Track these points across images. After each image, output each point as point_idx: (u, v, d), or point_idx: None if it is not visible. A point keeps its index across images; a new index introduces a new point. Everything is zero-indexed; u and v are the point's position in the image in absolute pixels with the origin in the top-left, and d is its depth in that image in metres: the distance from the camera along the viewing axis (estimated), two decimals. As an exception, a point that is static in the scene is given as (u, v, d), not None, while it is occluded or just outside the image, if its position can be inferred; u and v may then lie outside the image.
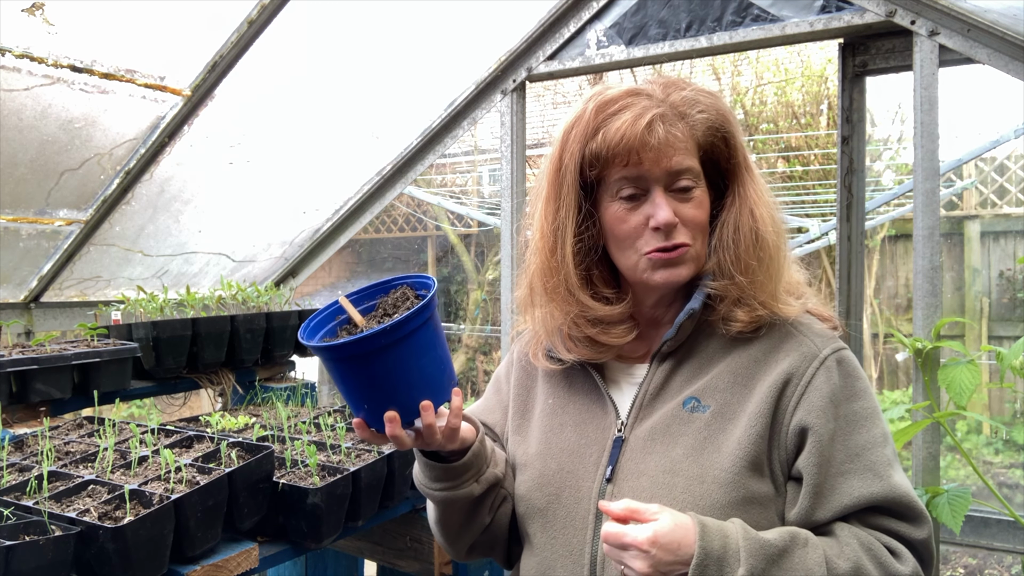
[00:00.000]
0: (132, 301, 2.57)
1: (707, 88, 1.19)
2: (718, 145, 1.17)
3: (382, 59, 2.87)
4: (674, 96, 1.15)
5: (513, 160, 3.01)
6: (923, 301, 2.25)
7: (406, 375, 1.08)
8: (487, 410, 1.40)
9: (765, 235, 1.15)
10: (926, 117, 2.23)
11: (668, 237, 1.13)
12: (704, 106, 1.15)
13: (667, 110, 1.13)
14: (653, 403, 1.19)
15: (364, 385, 1.08)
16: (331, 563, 2.40)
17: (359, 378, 1.08)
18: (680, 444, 1.13)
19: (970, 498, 2.03)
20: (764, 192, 1.18)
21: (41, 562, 1.30)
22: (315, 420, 2.26)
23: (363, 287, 1.20)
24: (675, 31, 2.64)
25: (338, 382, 1.11)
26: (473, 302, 9.61)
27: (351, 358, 1.06)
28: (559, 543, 1.18)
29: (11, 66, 2.19)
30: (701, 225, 1.16)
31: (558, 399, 1.29)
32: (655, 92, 1.15)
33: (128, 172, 2.75)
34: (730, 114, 1.17)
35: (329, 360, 1.09)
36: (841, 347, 1.16)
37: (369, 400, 1.09)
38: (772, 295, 1.16)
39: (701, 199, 1.16)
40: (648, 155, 1.11)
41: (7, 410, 2.09)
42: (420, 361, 1.09)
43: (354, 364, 1.07)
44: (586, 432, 1.22)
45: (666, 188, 1.14)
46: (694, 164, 1.15)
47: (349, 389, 1.10)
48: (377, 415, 1.09)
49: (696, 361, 1.19)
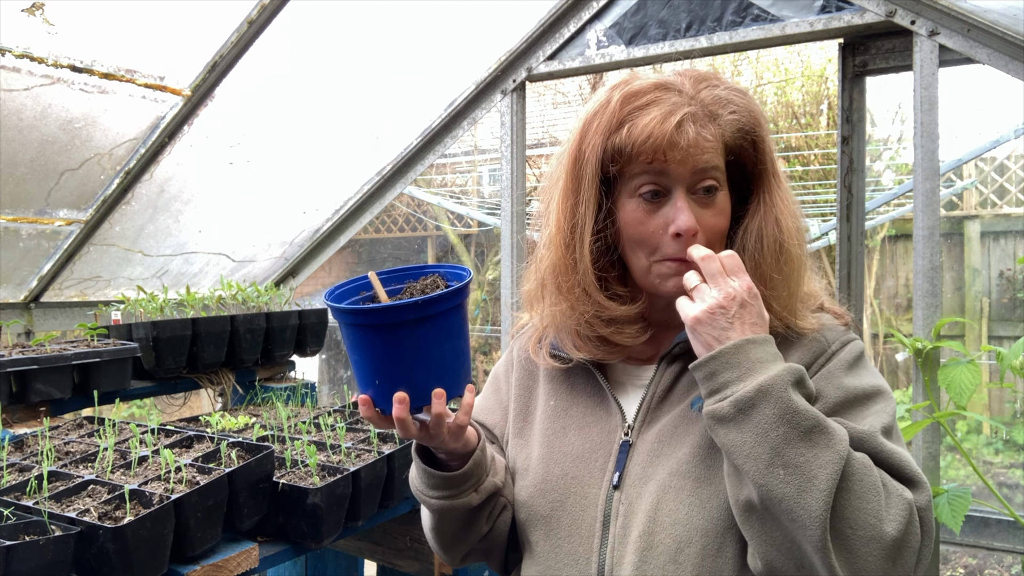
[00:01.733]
0: (132, 301, 2.57)
1: (739, 86, 1.13)
2: (746, 148, 1.11)
3: (382, 59, 2.87)
4: (705, 94, 1.09)
5: (513, 160, 3.01)
6: (923, 301, 2.25)
7: (425, 357, 1.04)
8: (486, 410, 1.36)
9: (790, 247, 1.10)
10: (926, 117, 2.23)
11: (687, 246, 1.07)
12: (736, 107, 1.09)
13: (698, 109, 1.07)
14: (661, 406, 1.16)
15: (380, 358, 1.04)
16: (331, 563, 2.40)
17: (376, 350, 1.04)
18: (687, 443, 1.11)
19: (970, 498, 2.03)
20: (791, 201, 1.13)
21: (41, 562, 1.30)
22: (315, 420, 2.26)
23: (394, 268, 1.17)
24: (675, 31, 2.64)
25: (353, 352, 1.07)
26: (473, 302, 9.60)
27: (375, 327, 1.03)
28: (564, 551, 1.15)
29: (11, 66, 2.19)
30: (720, 234, 1.11)
31: (560, 401, 1.25)
32: (685, 87, 1.09)
33: (128, 172, 2.75)
34: (761, 116, 1.12)
35: (351, 326, 1.04)
36: (852, 338, 1.14)
37: (381, 375, 1.05)
38: (791, 309, 1.11)
39: (723, 206, 1.11)
40: (675, 155, 1.05)
41: (7, 410, 2.09)
42: (442, 346, 1.05)
43: (375, 334, 1.03)
44: (590, 436, 1.19)
45: (689, 190, 1.08)
46: (720, 165, 1.10)
47: (363, 360, 1.06)
48: (387, 394, 1.04)
49: None
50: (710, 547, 1.06)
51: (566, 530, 1.16)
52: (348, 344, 1.07)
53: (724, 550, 1.05)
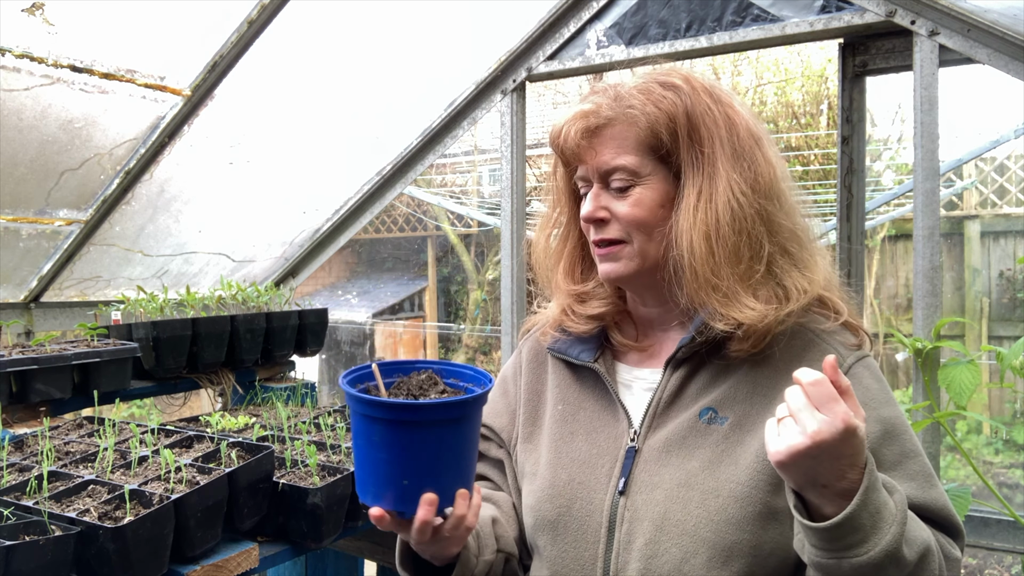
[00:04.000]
0: (132, 301, 2.57)
1: (650, 85, 1.14)
2: (665, 142, 1.12)
3: (382, 59, 2.87)
4: (614, 101, 1.15)
5: (513, 160, 3.01)
6: (923, 301, 2.25)
7: (458, 456, 1.02)
8: (494, 413, 1.35)
9: (720, 230, 1.08)
10: (926, 117, 2.23)
11: (597, 232, 1.17)
12: (635, 107, 1.12)
13: (605, 108, 1.14)
14: (667, 411, 1.16)
15: (412, 458, 0.98)
16: (331, 563, 2.39)
17: (410, 449, 0.98)
18: (696, 457, 1.11)
19: (970, 498, 2.02)
20: (737, 186, 1.09)
21: (41, 562, 1.30)
22: (315, 420, 2.26)
23: (385, 362, 1.14)
24: (675, 31, 2.64)
25: (376, 449, 1.00)
26: (473, 302, 9.60)
27: (418, 424, 0.98)
28: (570, 556, 1.15)
29: (11, 66, 2.19)
30: (637, 222, 1.13)
31: (568, 405, 1.26)
32: (606, 95, 1.16)
33: (128, 172, 2.75)
34: (678, 109, 1.11)
35: (381, 421, 0.98)
36: (865, 354, 1.14)
37: (412, 476, 0.99)
38: (732, 295, 1.09)
39: (641, 197, 1.13)
40: (581, 158, 1.17)
41: (7, 410, 2.09)
42: (471, 445, 1.04)
43: (414, 432, 0.98)
44: (597, 441, 1.19)
45: (603, 185, 1.16)
46: (627, 162, 1.12)
47: (391, 460, 0.99)
48: (413, 495, 0.99)
49: (712, 368, 1.15)
50: (716, 560, 1.05)
51: (572, 535, 1.16)
52: (368, 440, 1.01)
53: (730, 564, 1.05)
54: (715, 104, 1.13)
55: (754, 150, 1.13)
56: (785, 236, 1.14)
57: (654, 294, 1.21)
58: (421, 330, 9.84)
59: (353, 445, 1.05)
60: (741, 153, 1.12)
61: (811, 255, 1.16)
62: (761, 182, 1.11)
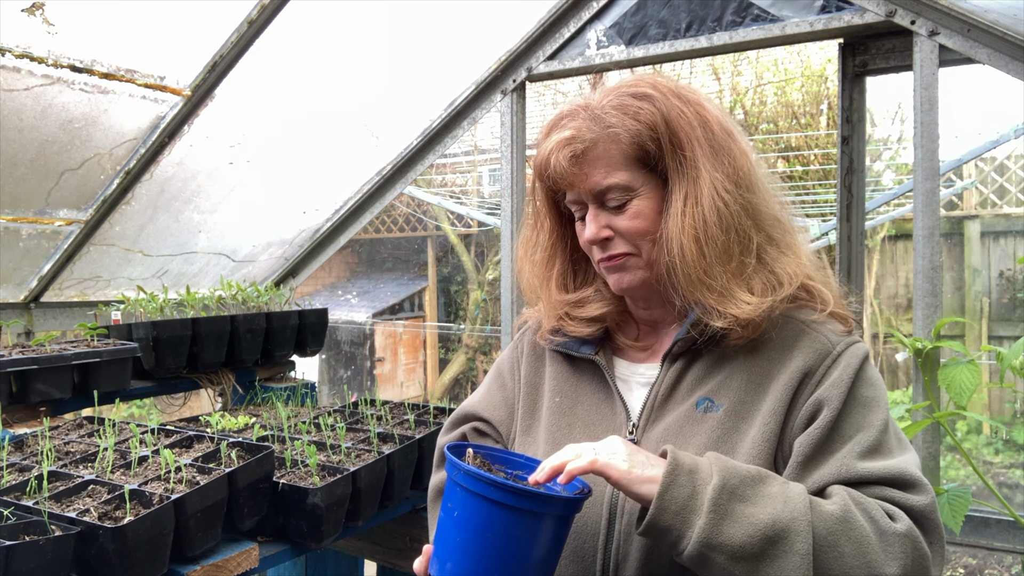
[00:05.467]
0: (132, 301, 2.57)
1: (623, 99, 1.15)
2: (652, 152, 1.14)
3: (382, 59, 2.87)
4: (590, 113, 1.16)
5: (513, 160, 3.02)
6: (923, 301, 2.25)
7: (550, 557, 1.04)
8: (490, 406, 1.36)
9: (709, 230, 1.10)
10: (926, 117, 2.23)
11: (604, 250, 1.18)
12: (613, 125, 1.13)
13: (585, 130, 1.14)
14: (665, 404, 1.17)
15: (521, 557, 1.00)
16: (331, 563, 2.39)
17: (518, 546, 0.99)
18: (692, 444, 1.12)
19: (970, 498, 2.03)
20: (722, 185, 1.12)
21: (41, 562, 1.30)
22: (315, 420, 2.26)
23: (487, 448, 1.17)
24: (675, 31, 2.64)
25: (478, 538, 1.00)
26: (473, 302, 9.60)
27: (547, 517, 1.01)
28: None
29: (11, 66, 2.19)
30: (640, 233, 1.15)
31: (565, 398, 1.27)
32: (579, 117, 1.16)
33: (128, 172, 2.75)
34: (658, 118, 1.13)
35: (513, 511, 0.99)
36: (856, 340, 1.15)
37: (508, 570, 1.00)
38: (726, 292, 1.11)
39: (639, 209, 1.15)
40: (573, 183, 1.17)
41: (7, 410, 2.09)
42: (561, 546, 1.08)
43: (531, 529, 1.00)
44: (595, 434, 1.20)
45: (599, 205, 1.17)
46: (618, 180, 1.14)
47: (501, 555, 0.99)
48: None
49: (708, 360, 1.17)
50: None
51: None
52: (466, 528, 1.01)
53: None
54: (685, 105, 1.15)
55: (729, 143, 1.15)
56: (769, 223, 1.17)
57: (655, 298, 1.22)
58: (421, 330, 9.85)
59: (452, 526, 1.04)
60: (718, 149, 1.14)
61: (792, 236, 1.20)
62: (741, 175, 1.14)
